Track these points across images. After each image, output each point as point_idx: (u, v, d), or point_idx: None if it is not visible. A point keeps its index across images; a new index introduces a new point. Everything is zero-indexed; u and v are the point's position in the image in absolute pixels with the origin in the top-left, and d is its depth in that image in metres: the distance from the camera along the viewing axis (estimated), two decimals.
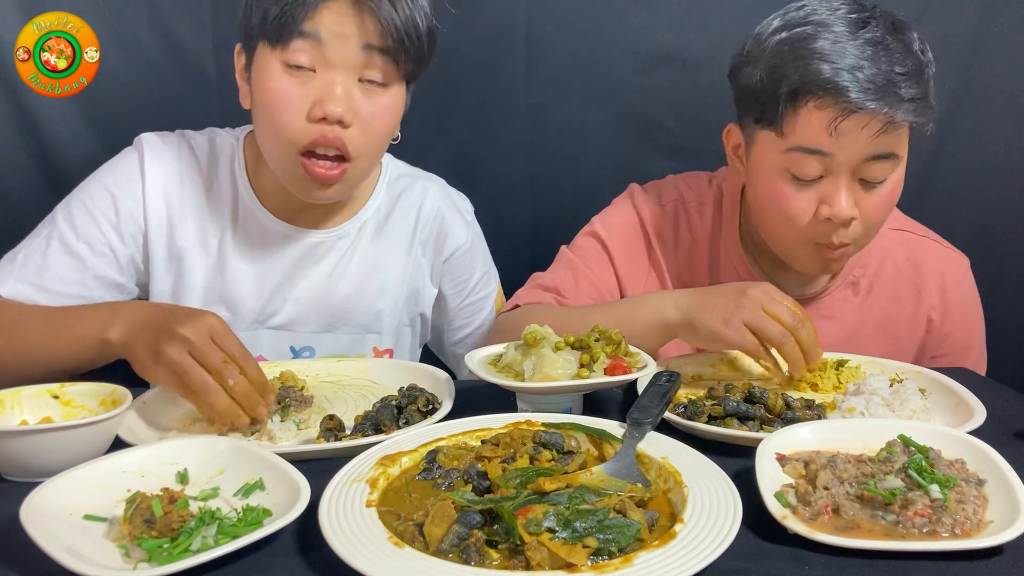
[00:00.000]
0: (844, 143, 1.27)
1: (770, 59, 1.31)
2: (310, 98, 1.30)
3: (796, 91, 1.28)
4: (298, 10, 1.26)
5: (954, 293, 1.53)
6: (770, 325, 1.19)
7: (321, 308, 1.52)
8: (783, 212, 1.35)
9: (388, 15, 1.27)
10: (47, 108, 1.75)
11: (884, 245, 1.53)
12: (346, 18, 1.27)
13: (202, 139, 1.51)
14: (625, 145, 1.90)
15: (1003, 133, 1.90)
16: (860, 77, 1.24)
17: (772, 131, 1.33)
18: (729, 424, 1.06)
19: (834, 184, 1.31)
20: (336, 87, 1.30)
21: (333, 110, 1.29)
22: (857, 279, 1.52)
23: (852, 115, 1.25)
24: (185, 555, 0.75)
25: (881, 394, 1.16)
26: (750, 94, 1.35)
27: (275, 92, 1.31)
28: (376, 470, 0.90)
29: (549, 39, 1.85)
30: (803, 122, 1.29)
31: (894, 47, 1.27)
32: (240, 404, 1.08)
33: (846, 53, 1.25)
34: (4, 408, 1.06)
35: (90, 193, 1.43)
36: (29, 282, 1.36)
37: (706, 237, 1.54)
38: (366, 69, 1.31)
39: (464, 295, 1.64)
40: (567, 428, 0.99)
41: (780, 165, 1.33)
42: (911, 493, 0.83)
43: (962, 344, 1.55)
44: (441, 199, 1.60)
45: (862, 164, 1.29)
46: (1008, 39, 1.86)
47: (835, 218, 1.31)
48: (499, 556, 0.75)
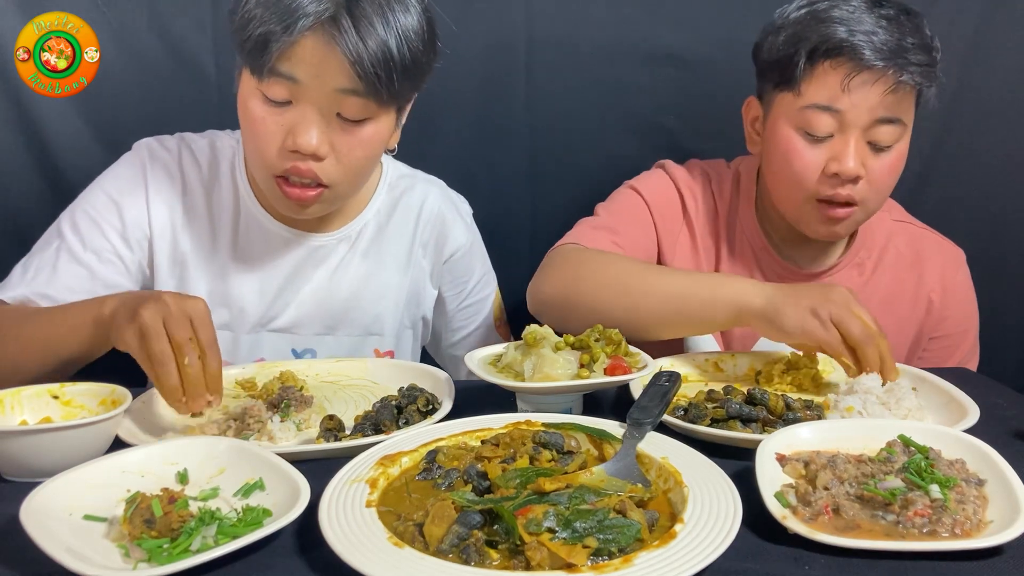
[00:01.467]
0: (855, 99, 1.36)
1: (792, 27, 1.42)
2: (286, 128, 1.28)
3: (814, 50, 1.38)
4: (272, 48, 1.22)
5: (952, 279, 1.62)
6: (855, 323, 1.22)
7: (323, 311, 1.52)
8: (794, 168, 1.43)
9: (356, 52, 1.21)
10: (47, 108, 1.75)
11: (887, 232, 1.61)
12: (319, 57, 1.23)
13: (202, 143, 1.51)
14: (625, 145, 1.90)
15: (1003, 132, 1.90)
16: (875, 40, 1.34)
17: (790, 92, 1.42)
18: (732, 427, 1.06)
19: (843, 142, 1.39)
20: (310, 123, 1.27)
21: (305, 145, 1.27)
22: (863, 260, 1.60)
23: (864, 71, 1.34)
24: (185, 555, 0.75)
25: (875, 393, 1.17)
26: (771, 62, 1.45)
27: (253, 117, 1.30)
28: (376, 470, 0.90)
29: (549, 39, 1.84)
30: (819, 80, 1.38)
31: (906, 23, 1.37)
32: (185, 389, 1.06)
33: (863, 21, 1.36)
34: (4, 408, 1.06)
35: (93, 202, 1.43)
36: (38, 292, 1.36)
37: (725, 209, 1.62)
38: (343, 107, 1.28)
39: (463, 296, 1.64)
40: (567, 428, 0.99)
41: (795, 124, 1.42)
42: (911, 493, 0.83)
43: (959, 328, 1.63)
44: (441, 201, 1.60)
45: (871, 125, 1.38)
46: (1010, 38, 1.86)
47: (842, 174, 1.39)
48: (499, 556, 0.75)
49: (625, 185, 1.64)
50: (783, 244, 1.59)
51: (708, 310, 1.32)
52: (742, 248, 1.59)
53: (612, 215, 1.59)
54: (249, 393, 1.26)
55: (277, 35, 1.21)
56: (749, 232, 1.59)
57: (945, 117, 1.87)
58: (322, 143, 1.28)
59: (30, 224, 1.77)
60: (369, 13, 1.22)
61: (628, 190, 1.62)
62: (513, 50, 1.85)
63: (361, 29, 1.21)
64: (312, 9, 1.20)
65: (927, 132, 1.87)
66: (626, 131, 1.90)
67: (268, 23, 1.21)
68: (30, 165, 1.77)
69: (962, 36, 1.85)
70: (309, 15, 1.20)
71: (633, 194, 1.61)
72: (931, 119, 1.87)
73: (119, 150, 1.51)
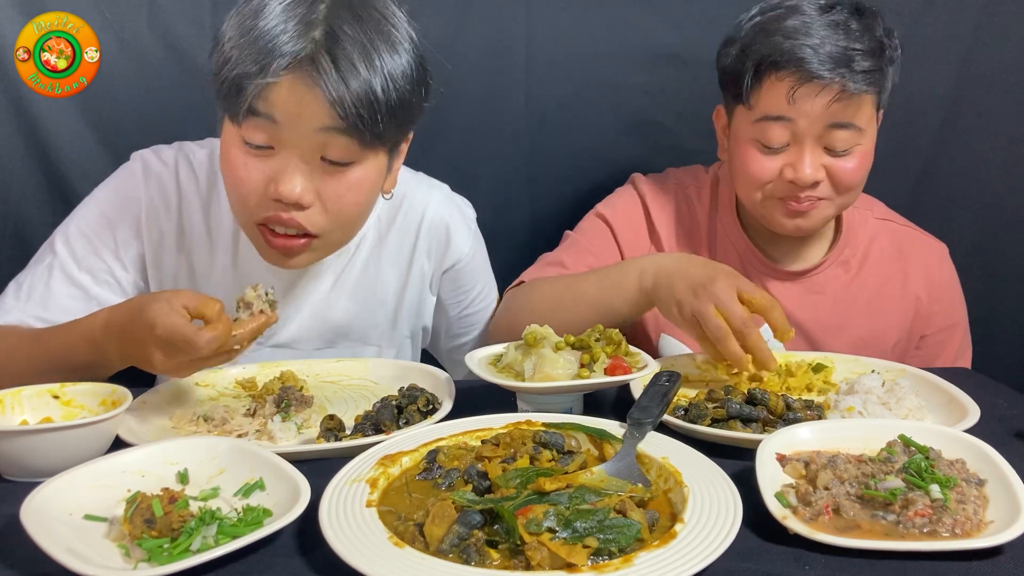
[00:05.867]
0: (803, 109, 1.38)
1: (743, 39, 1.45)
2: (268, 175, 1.22)
3: (760, 63, 1.40)
4: (248, 88, 1.15)
5: (937, 275, 1.63)
6: (710, 316, 1.20)
7: (322, 325, 1.49)
8: (751, 175, 1.46)
9: (337, 92, 1.15)
10: (47, 108, 1.74)
11: (870, 231, 1.63)
12: (298, 97, 1.16)
13: (201, 154, 1.46)
14: (625, 145, 1.90)
15: (1003, 132, 1.90)
16: (820, 51, 1.36)
17: (743, 105, 1.46)
18: (732, 427, 1.06)
19: (798, 151, 1.42)
20: (293, 169, 1.21)
21: (288, 193, 1.20)
22: (848, 259, 1.61)
23: (808, 83, 1.36)
24: (185, 555, 0.75)
25: (876, 392, 1.17)
26: (727, 73, 1.49)
27: (234, 164, 1.24)
28: (376, 470, 0.90)
29: (549, 40, 1.84)
30: (767, 92, 1.41)
31: (855, 27, 1.39)
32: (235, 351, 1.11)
33: (810, 31, 1.38)
34: (4, 408, 1.06)
35: (88, 219, 1.40)
36: (33, 315, 1.34)
37: (704, 216, 1.64)
38: (327, 149, 1.21)
39: (464, 306, 1.61)
40: (567, 428, 0.99)
41: (751, 136, 1.46)
42: (911, 493, 0.83)
43: (948, 322, 1.64)
44: (445, 208, 1.55)
45: (823, 132, 1.40)
46: (1009, 37, 1.86)
47: (798, 181, 1.42)
48: (499, 556, 0.75)
49: (593, 210, 1.67)
50: (766, 244, 1.60)
51: (617, 301, 1.36)
52: (725, 251, 1.60)
53: (570, 247, 1.62)
54: (249, 393, 1.26)
55: (252, 76, 1.15)
56: (732, 235, 1.60)
57: (945, 116, 1.87)
58: (306, 191, 1.22)
59: (30, 224, 1.78)
60: (350, 54, 1.16)
61: (593, 217, 1.66)
62: (513, 51, 1.85)
63: (342, 70, 1.15)
64: (289, 49, 1.14)
65: (927, 132, 1.87)
66: (626, 131, 1.90)
67: (243, 64, 1.16)
68: (30, 165, 1.77)
69: (962, 36, 1.85)
70: (285, 55, 1.14)
71: (597, 221, 1.64)
72: (931, 118, 1.87)
73: (119, 150, 1.51)
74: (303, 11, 1.17)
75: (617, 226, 1.62)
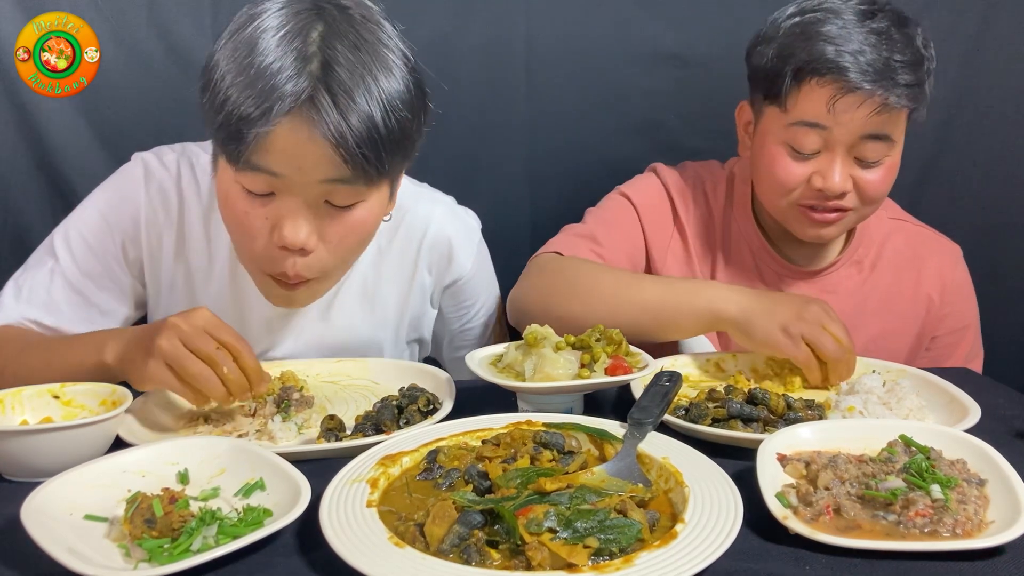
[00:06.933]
0: (841, 119, 1.35)
1: (782, 40, 1.41)
2: (271, 221, 1.19)
3: (801, 68, 1.37)
4: (248, 138, 1.10)
5: (951, 277, 1.62)
6: (827, 341, 1.24)
7: (320, 340, 1.47)
8: (778, 179, 1.44)
9: (339, 132, 1.09)
10: (47, 108, 1.74)
11: (884, 231, 1.62)
12: (298, 148, 1.11)
13: (205, 158, 1.40)
14: (625, 145, 1.90)
15: (1003, 131, 1.90)
16: (861, 60, 1.33)
17: (777, 107, 1.42)
18: (733, 426, 1.06)
19: (829, 159, 1.39)
20: (296, 215, 1.17)
21: (292, 240, 1.17)
22: (861, 258, 1.60)
23: (850, 93, 1.33)
24: (185, 555, 0.75)
25: (876, 392, 1.17)
26: (761, 72, 1.45)
27: (235, 211, 1.20)
28: (377, 470, 0.90)
29: (549, 39, 1.84)
30: (805, 98, 1.38)
31: (897, 38, 1.35)
32: (232, 392, 1.08)
33: (851, 38, 1.34)
34: (4, 408, 1.06)
35: (87, 222, 1.39)
36: (33, 319, 1.34)
37: (719, 212, 1.62)
38: (331, 195, 1.18)
39: (465, 319, 1.60)
40: (568, 428, 0.99)
41: (782, 139, 1.42)
42: (912, 493, 0.83)
43: (960, 324, 1.63)
44: (449, 223, 1.51)
45: (857, 142, 1.38)
46: (1011, 37, 1.86)
47: (827, 190, 1.39)
48: (500, 556, 0.75)
49: (616, 190, 1.64)
50: (780, 243, 1.59)
51: (684, 318, 1.34)
52: (739, 249, 1.59)
53: (598, 222, 1.59)
54: None
55: (253, 122, 1.09)
56: (746, 233, 1.59)
57: (945, 118, 1.87)
58: (310, 236, 1.19)
59: (30, 224, 1.78)
60: (346, 82, 1.10)
61: (618, 196, 1.63)
62: (513, 50, 1.85)
63: (340, 104, 1.10)
64: (290, 89, 1.09)
65: (927, 133, 1.87)
66: (626, 131, 1.90)
67: (243, 106, 1.10)
68: (30, 165, 1.77)
69: (962, 36, 1.85)
70: (286, 97, 1.09)
71: (622, 200, 1.61)
72: (931, 120, 1.87)
73: (119, 150, 1.51)
74: (299, 44, 1.11)
75: (642, 209, 1.60)
